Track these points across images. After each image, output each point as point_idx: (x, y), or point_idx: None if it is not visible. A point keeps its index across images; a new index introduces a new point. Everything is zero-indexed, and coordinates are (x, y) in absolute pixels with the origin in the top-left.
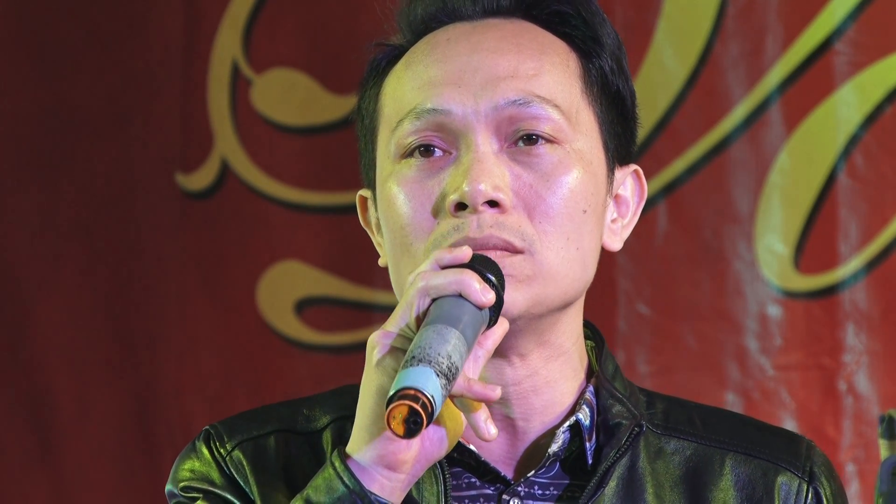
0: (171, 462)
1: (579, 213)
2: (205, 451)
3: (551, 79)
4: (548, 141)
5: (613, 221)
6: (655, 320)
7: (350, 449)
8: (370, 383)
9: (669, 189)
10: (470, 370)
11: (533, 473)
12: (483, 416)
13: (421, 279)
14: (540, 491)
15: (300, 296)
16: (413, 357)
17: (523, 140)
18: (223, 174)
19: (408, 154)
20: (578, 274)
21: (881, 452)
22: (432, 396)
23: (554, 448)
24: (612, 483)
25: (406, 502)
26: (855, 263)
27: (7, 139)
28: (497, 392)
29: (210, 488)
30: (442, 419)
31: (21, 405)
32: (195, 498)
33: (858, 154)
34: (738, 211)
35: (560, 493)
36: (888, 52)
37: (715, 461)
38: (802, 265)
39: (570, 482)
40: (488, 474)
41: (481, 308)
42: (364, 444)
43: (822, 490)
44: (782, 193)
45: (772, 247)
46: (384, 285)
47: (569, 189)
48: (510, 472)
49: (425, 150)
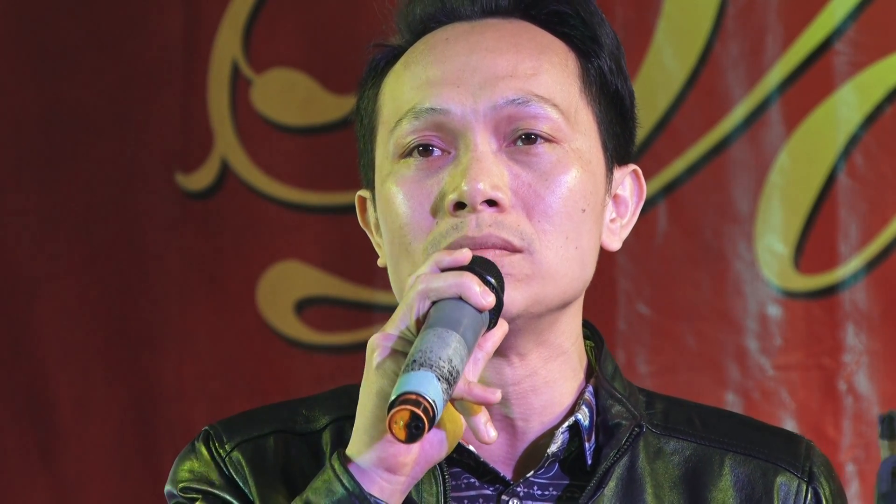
0: (171, 462)
1: (578, 213)
2: (204, 452)
3: (550, 78)
4: (546, 140)
5: (612, 221)
6: (655, 320)
7: (350, 451)
8: (370, 386)
9: (669, 189)
10: (470, 373)
11: (532, 474)
12: (483, 420)
13: (421, 282)
14: (539, 491)
15: (300, 296)
16: (414, 361)
17: (522, 139)
18: (223, 174)
19: (406, 154)
20: (577, 273)
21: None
22: (434, 401)
23: (553, 448)
24: (612, 483)
25: (405, 503)
26: (855, 263)
27: (7, 139)
28: (497, 395)
29: (209, 489)
30: (442, 422)
31: (21, 405)
32: (194, 499)
33: (858, 154)
34: (738, 211)
35: (559, 494)
36: (888, 52)
37: (714, 461)
38: (802, 265)
39: (570, 482)
40: (487, 474)
41: (481, 311)
42: (364, 447)
43: (822, 490)
44: (782, 193)
45: (772, 247)
46: (384, 285)
47: (567, 188)
48: (509, 473)
49: (424, 150)
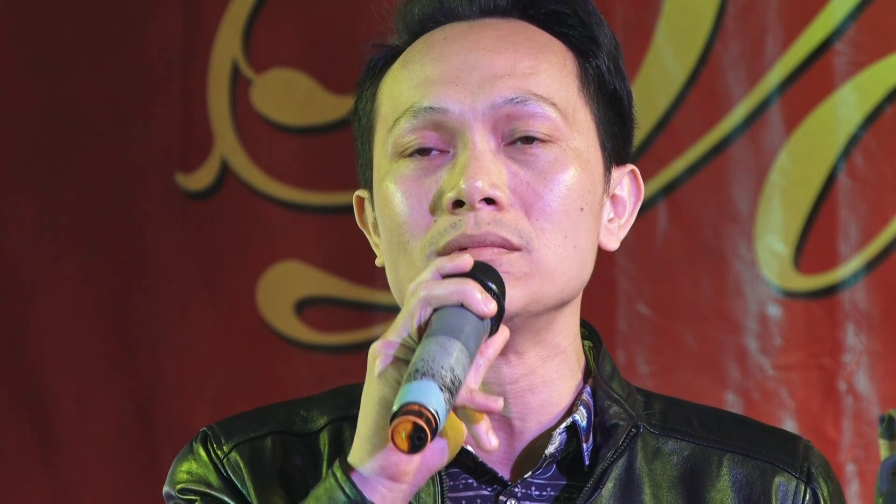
0: (171, 462)
1: (576, 211)
2: (202, 453)
3: (548, 77)
4: (545, 139)
5: (610, 221)
6: (655, 320)
7: (352, 459)
8: (372, 394)
9: (669, 189)
10: (471, 380)
11: (530, 474)
12: (485, 428)
13: (422, 289)
14: (537, 492)
15: (300, 296)
16: (416, 370)
17: (521, 140)
18: (223, 174)
19: (405, 155)
20: (576, 272)
21: (881, 452)
22: (436, 412)
23: (550, 449)
24: (610, 484)
25: None
26: (855, 263)
27: (7, 139)
28: (499, 403)
29: (207, 490)
30: (443, 429)
31: (21, 405)
32: (192, 500)
33: (858, 154)
34: (738, 211)
35: (557, 495)
36: (888, 52)
37: (712, 462)
38: (802, 265)
39: (567, 483)
40: (485, 475)
41: (483, 318)
42: (366, 455)
43: (820, 491)
44: (782, 193)
45: (772, 247)
46: (384, 285)
47: (566, 186)
48: (507, 473)
49: (423, 151)
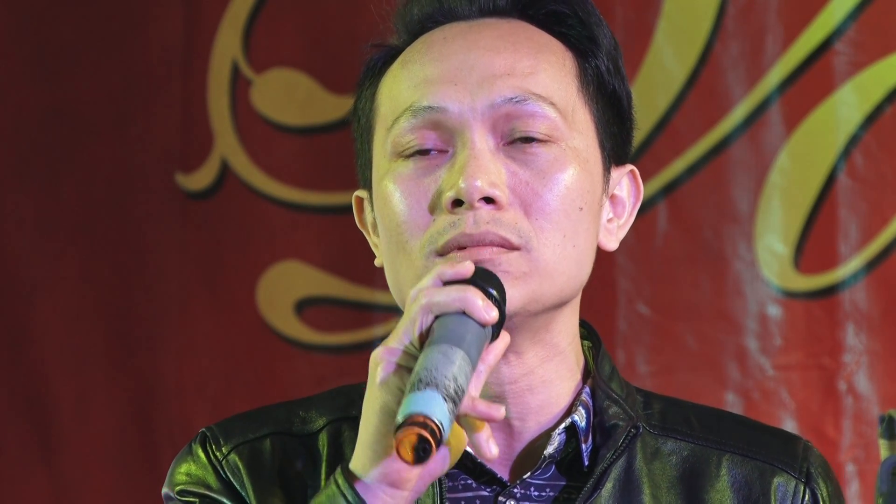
0: (171, 462)
1: (575, 211)
2: (201, 455)
3: (547, 77)
4: (544, 140)
5: (609, 221)
6: (655, 320)
7: (353, 466)
8: (374, 401)
9: (669, 189)
10: (473, 387)
11: (529, 475)
12: (485, 436)
13: (424, 296)
14: (536, 492)
15: (300, 296)
16: (420, 380)
17: (520, 140)
18: (223, 174)
19: (405, 155)
20: (575, 272)
21: (881, 452)
22: (441, 423)
23: (550, 450)
24: (609, 484)
25: None
26: (855, 263)
27: (7, 139)
28: (501, 412)
29: (206, 492)
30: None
31: (21, 405)
32: (191, 502)
33: (858, 154)
34: (738, 211)
35: (556, 495)
36: (888, 52)
37: (712, 462)
38: (802, 265)
39: (567, 484)
40: (484, 475)
41: (484, 326)
42: (368, 462)
43: (819, 491)
44: (782, 193)
45: (772, 247)
46: (384, 285)
47: (565, 186)
48: (506, 474)
49: (422, 151)
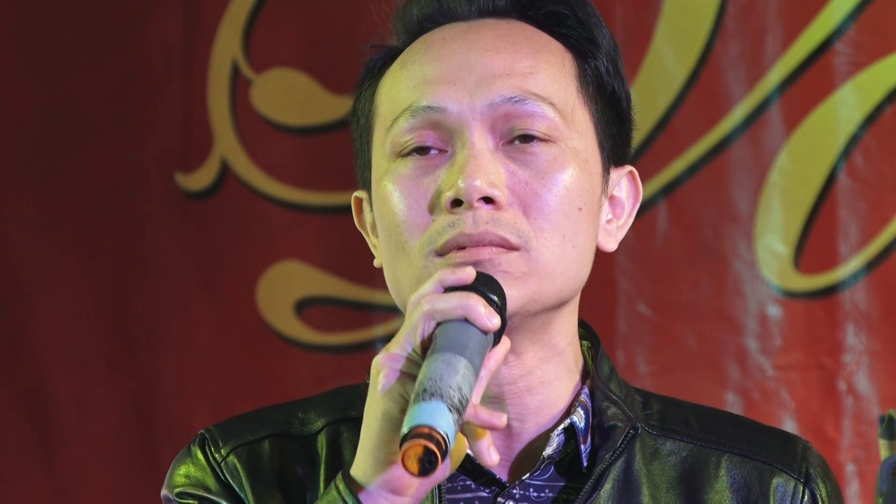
0: (171, 462)
1: (575, 211)
2: (200, 457)
3: (547, 77)
4: (543, 139)
5: (608, 222)
6: (655, 320)
7: (355, 472)
8: (376, 408)
9: (669, 189)
10: (475, 394)
11: (528, 476)
12: (486, 444)
13: (426, 302)
14: (535, 493)
15: (300, 296)
16: (424, 390)
17: (519, 139)
18: (223, 174)
19: (404, 154)
20: (574, 272)
21: (881, 452)
22: (446, 434)
23: (549, 451)
24: (608, 485)
25: None
26: (855, 263)
27: (7, 139)
28: (503, 420)
29: (205, 494)
30: None
31: (21, 405)
32: None
33: (858, 154)
34: (738, 211)
35: (555, 496)
36: (888, 52)
37: (710, 462)
38: (802, 265)
39: (566, 484)
40: (483, 476)
41: (487, 333)
42: (369, 469)
43: (818, 491)
44: (782, 193)
45: (772, 247)
46: (384, 285)
47: (564, 186)
48: (505, 475)
49: (421, 150)
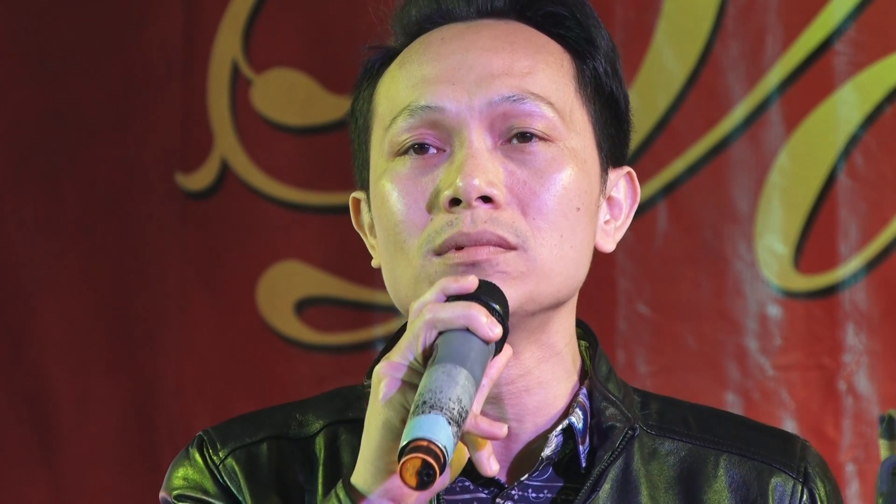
0: (171, 462)
1: (573, 211)
2: (198, 459)
3: (545, 77)
4: (542, 138)
5: (606, 223)
6: (655, 320)
7: (355, 480)
8: (377, 417)
9: (669, 189)
10: (475, 403)
11: (526, 477)
12: (486, 455)
13: (428, 311)
14: (534, 494)
15: (300, 296)
16: (424, 402)
17: (517, 138)
18: (223, 174)
19: (402, 152)
20: (572, 272)
21: (881, 452)
22: (445, 447)
23: (547, 452)
24: (607, 486)
25: None
26: (855, 263)
27: (7, 139)
28: (504, 430)
29: (204, 497)
30: None
31: (21, 405)
32: None
33: (858, 154)
34: (738, 211)
35: (554, 497)
36: (888, 52)
37: (709, 462)
38: (802, 265)
39: (564, 485)
40: (481, 477)
41: (488, 343)
42: (370, 478)
43: (817, 491)
44: (782, 193)
45: (772, 247)
46: (384, 285)
47: (562, 186)
48: (503, 476)
49: (419, 149)
